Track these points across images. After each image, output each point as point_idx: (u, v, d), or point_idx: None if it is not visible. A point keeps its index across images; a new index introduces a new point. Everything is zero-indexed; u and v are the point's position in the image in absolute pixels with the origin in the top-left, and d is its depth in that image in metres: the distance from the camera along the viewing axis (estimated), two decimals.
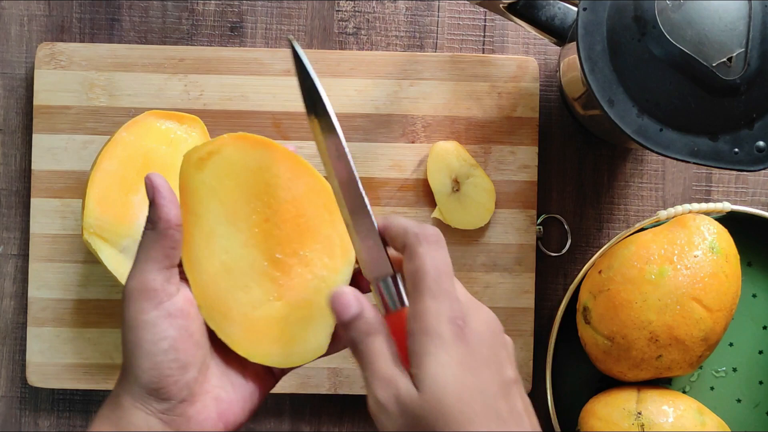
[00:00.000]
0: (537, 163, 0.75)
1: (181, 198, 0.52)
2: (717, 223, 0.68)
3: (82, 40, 0.76)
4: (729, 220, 0.73)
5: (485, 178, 0.73)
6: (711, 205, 0.71)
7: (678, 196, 0.77)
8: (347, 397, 0.75)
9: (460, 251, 0.74)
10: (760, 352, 0.74)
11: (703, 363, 0.72)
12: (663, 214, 0.70)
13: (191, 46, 0.76)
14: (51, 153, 0.73)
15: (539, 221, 0.76)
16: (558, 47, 0.74)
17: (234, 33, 0.76)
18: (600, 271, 0.68)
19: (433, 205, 0.74)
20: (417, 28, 0.77)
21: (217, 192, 0.51)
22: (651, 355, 0.66)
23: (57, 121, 0.73)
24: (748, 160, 0.60)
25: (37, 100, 0.74)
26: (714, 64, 0.58)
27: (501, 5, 0.68)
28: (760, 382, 0.74)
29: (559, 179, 0.77)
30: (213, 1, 0.76)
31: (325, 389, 0.74)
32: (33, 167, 0.73)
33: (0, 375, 0.75)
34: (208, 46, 0.76)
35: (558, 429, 0.70)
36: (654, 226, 0.70)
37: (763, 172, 0.76)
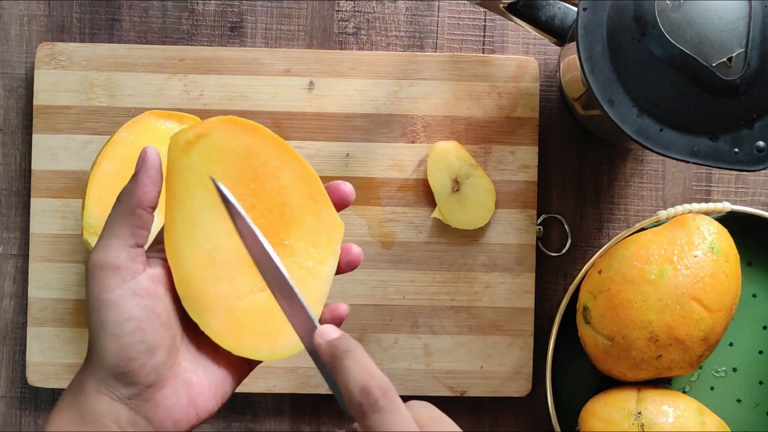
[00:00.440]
0: (537, 163, 0.75)
1: (166, 182, 0.50)
2: (717, 223, 0.68)
3: (82, 40, 0.76)
4: (729, 220, 0.73)
5: (485, 178, 0.73)
6: (711, 205, 0.71)
7: (678, 196, 0.77)
8: None
9: (460, 251, 0.74)
10: (760, 352, 0.74)
11: (703, 363, 0.72)
12: (663, 214, 0.70)
13: (191, 46, 0.76)
14: (51, 153, 0.73)
15: (539, 221, 0.76)
16: (558, 47, 0.74)
17: (234, 33, 0.76)
18: (600, 271, 0.68)
19: (433, 205, 0.74)
20: (417, 28, 0.77)
21: (203, 178, 0.50)
22: (651, 355, 0.66)
23: (57, 121, 0.73)
24: (748, 160, 0.59)
25: (37, 100, 0.74)
26: (714, 64, 0.58)
27: (501, 5, 0.68)
28: (760, 382, 0.74)
29: (559, 179, 0.77)
30: (213, 1, 0.76)
31: (325, 389, 0.74)
32: (33, 167, 0.73)
33: (0, 375, 0.75)
34: (208, 46, 0.76)
35: (558, 429, 0.70)
36: (654, 226, 0.70)
37: (763, 172, 0.76)
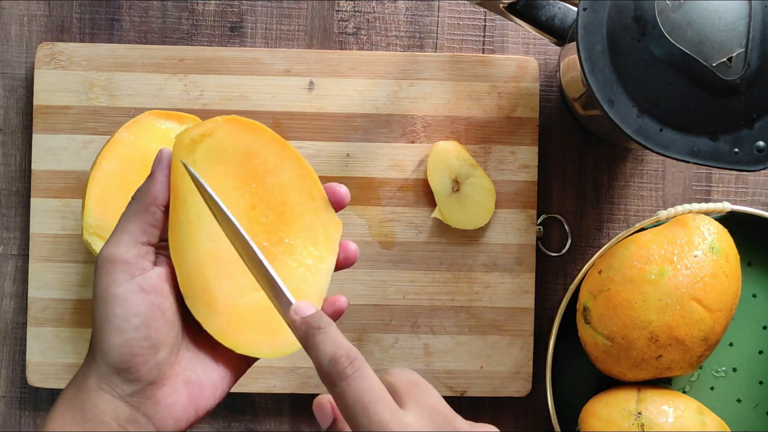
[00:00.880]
0: (537, 163, 0.75)
1: (170, 180, 0.51)
2: (717, 223, 0.68)
3: (82, 40, 0.76)
4: (729, 220, 0.73)
5: (485, 178, 0.73)
6: (711, 205, 0.71)
7: (678, 196, 0.77)
8: None
9: (460, 251, 0.74)
10: (760, 352, 0.74)
11: (703, 363, 0.72)
12: (663, 214, 0.70)
13: (191, 46, 0.76)
14: (51, 153, 0.73)
15: (539, 221, 0.76)
16: (558, 47, 0.74)
17: (234, 33, 0.76)
18: (600, 271, 0.68)
19: (433, 205, 0.74)
20: (417, 28, 0.77)
21: (206, 176, 0.50)
22: (651, 355, 0.66)
23: (57, 121, 0.73)
24: (748, 160, 0.59)
25: (37, 100, 0.74)
26: (714, 64, 0.58)
27: (501, 5, 0.68)
28: (760, 382, 0.74)
29: (559, 179, 0.77)
30: (213, 1, 0.76)
31: (325, 390, 0.74)
32: (33, 167, 0.73)
33: (0, 375, 0.75)
34: (208, 46, 0.76)
35: (558, 429, 0.70)
36: (654, 226, 0.70)
37: (763, 172, 0.76)
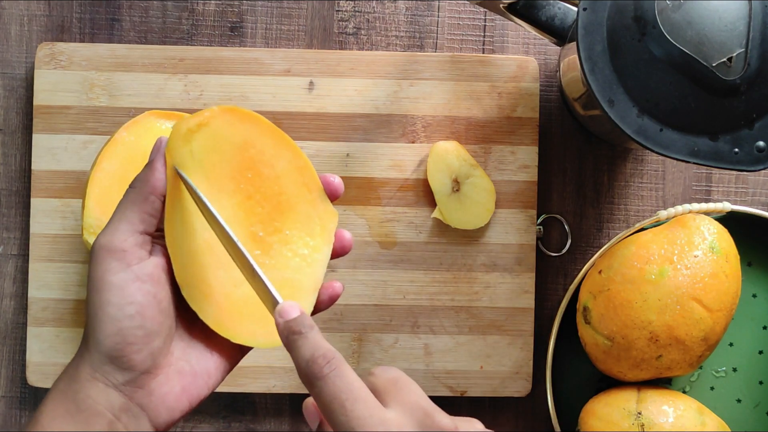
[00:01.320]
0: (537, 163, 0.75)
1: (167, 169, 0.51)
2: (717, 223, 0.68)
3: (82, 40, 0.76)
4: (729, 220, 0.73)
5: (485, 178, 0.73)
6: (711, 205, 0.71)
7: (678, 196, 0.77)
8: None
9: (460, 251, 0.74)
10: (760, 352, 0.74)
11: (703, 363, 0.72)
12: (663, 214, 0.70)
13: (191, 46, 0.76)
14: (51, 153, 0.73)
15: (539, 221, 0.76)
16: (558, 47, 0.74)
17: (234, 33, 0.76)
18: (600, 271, 0.68)
19: (433, 205, 0.74)
20: (417, 28, 0.77)
21: (203, 166, 0.51)
22: (651, 355, 0.66)
23: (57, 121, 0.73)
24: (748, 160, 0.59)
25: (37, 100, 0.74)
26: (714, 64, 0.58)
27: (501, 5, 0.68)
28: (760, 382, 0.74)
29: (559, 179, 0.77)
30: (213, 1, 0.76)
31: None
32: (33, 167, 0.73)
33: (0, 375, 0.75)
34: (208, 46, 0.76)
35: (558, 429, 0.70)
36: (654, 226, 0.70)
37: (763, 172, 0.76)
